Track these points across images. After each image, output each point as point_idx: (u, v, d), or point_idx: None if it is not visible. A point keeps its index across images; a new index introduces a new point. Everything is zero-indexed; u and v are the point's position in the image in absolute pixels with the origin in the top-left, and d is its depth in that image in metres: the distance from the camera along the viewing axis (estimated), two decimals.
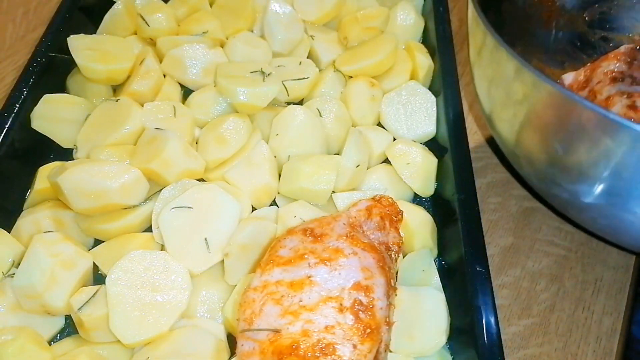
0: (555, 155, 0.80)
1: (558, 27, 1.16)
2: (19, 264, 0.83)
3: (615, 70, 0.94)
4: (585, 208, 0.84)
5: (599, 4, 1.14)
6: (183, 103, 1.10)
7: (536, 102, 0.77)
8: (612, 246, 1.02)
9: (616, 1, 1.14)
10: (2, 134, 0.97)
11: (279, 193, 0.99)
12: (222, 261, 0.87)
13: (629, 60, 0.95)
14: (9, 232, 0.90)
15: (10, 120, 0.99)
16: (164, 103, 1.06)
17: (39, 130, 1.02)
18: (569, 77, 1.00)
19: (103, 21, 1.22)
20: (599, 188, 0.77)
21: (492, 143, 1.19)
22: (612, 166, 0.72)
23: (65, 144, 1.05)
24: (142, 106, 1.05)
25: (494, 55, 0.84)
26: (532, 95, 0.78)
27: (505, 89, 0.84)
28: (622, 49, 0.96)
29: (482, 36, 0.86)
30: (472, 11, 0.90)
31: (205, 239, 0.86)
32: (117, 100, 1.05)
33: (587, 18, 1.14)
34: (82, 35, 1.13)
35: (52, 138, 1.04)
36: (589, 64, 0.99)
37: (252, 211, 0.97)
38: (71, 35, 1.11)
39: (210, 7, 1.28)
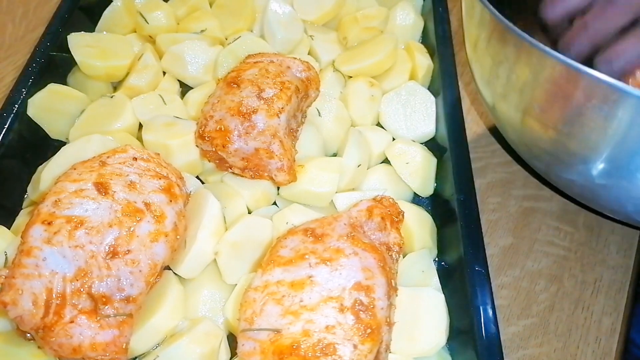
0: (561, 132, 0.79)
1: None
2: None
3: None
4: (594, 185, 0.84)
5: None
6: (182, 99, 1.10)
7: (541, 76, 0.76)
8: (617, 228, 1.02)
9: None
10: (2, 134, 0.97)
11: (278, 195, 0.99)
12: None
13: None
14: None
15: (10, 120, 0.99)
16: (152, 94, 1.07)
17: (33, 118, 1.03)
18: None
19: (102, 18, 1.23)
20: (605, 162, 0.77)
21: (494, 132, 1.19)
22: (621, 136, 0.72)
23: (55, 135, 1.06)
24: None
25: (494, 33, 0.83)
26: (536, 70, 0.76)
27: (508, 66, 0.83)
28: None
29: (479, 14, 0.85)
30: None
31: (185, 241, 0.86)
32: (112, 97, 1.05)
33: None
34: (81, 32, 1.13)
35: (44, 128, 1.05)
36: None
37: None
38: (71, 33, 1.11)
39: (210, 6, 1.28)
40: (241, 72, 0.97)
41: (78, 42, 1.11)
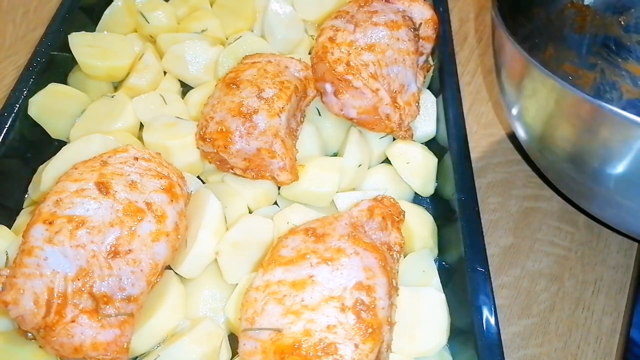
0: (581, 160, 0.81)
1: (592, 31, 1.17)
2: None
3: None
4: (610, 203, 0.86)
5: (636, 8, 1.15)
6: (182, 99, 1.10)
7: (561, 109, 0.79)
8: (622, 236, 1.02)
9: None
10: (3, 134, 0.97)
11: (279, 194, 0.99)
12: None
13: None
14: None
15: (11, 119, 0.99)
16: (152, 94, 1.07)
17: (33, 118, 1.03)
18: None
19: (102, 18, 1.23)
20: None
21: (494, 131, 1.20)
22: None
23: (56, 135, 1.06)
24: None
25: (521, 69, 0.85)
26: (557, 102, 0.79)
27: (532, 98, 0.85)
28: None
29: (509, 52, 0.87)
30: (494, 18, 0.91)
31: (186, 241, 0.86)
32: (112, 97, 1.05)
33: (622, 22, 1.15)
34: (82, 32, 1.13)
35: (44, 128, 1.05)
36: None
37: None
38: (72, 33, 1.11)
39: (211, 6, 1.28)
40: (240, 73, 0.97)
41: (79, 42, 1.11)
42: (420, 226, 0.93)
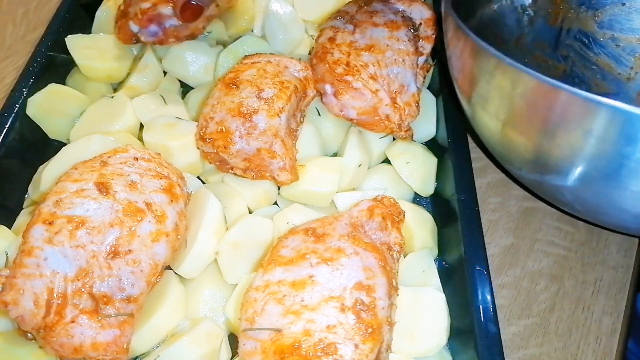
0: (541, 144, 0.80)
1: (566, 24, 1.18)
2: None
3: None
4: (583, 198, 0.85)
5: (610, 6, 1.17)
6: (182, 99, 1.10)
7: (518, 94, 0.78)
8: (616, 233, 1.02)
9: (628, 5, 1.16)
10: (2, 134, 0.97)
11: (279, 194, 0.99)
12: None
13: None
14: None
15: (11, 120, 0.99)
16: (152, 94, 1.07)
17: (32, 118, 1.03)
18: None
19: (95, 20, 1.22)
20: (587, 171, 0.78)
21: None
22: (595, 146, 0.73)
23: (54, 135, 1.06)
24: None
25: (473, 56, 0.85)
26: (513, 87, 0.78)
27: (486, 86, 0.85)
28: None
29: (456, 37, 0.87)
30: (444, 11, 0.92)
31: (186, 241, 0.86)
32: (112, 97, 1.05)
33: (596, 19, 1.16)
34: (79, 35, 1.13)
35: (43, 128, 1.05)
36: None
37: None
38: (69, 36, 1.11)
39: None
40: (239, 73, 0.97)
41: (77, 44, 1.11)
42: (420, 226, 0.93)
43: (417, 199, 1.03)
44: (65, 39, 1.11)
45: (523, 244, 1.03)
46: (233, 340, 0.82)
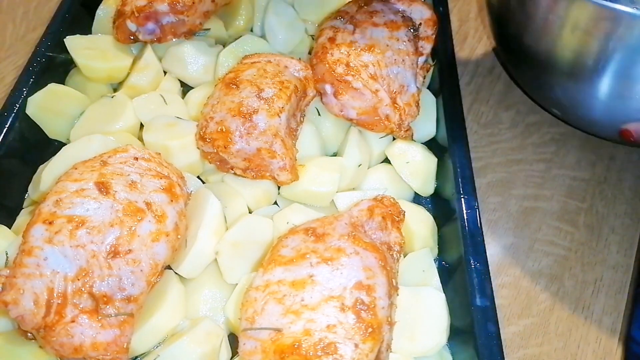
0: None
1: None
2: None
3: None
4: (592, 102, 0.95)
5: None
6: (182, 99, 1.10)
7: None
8: (616, 233, 1.02)
9: None
10: (2, 134, 0.97)
11: (279, 194, 0.99)
12: None
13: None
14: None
15: (11, 119, 0.99)
16: (152, 94, 1.07)
17: (32, 117, 1.02)
18: None
19: (95, 20, 1.21)
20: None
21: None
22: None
23: (53, 135, 1.06)
24: None
25: None
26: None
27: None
28: None
29: None
30: None
31: (186, 241, 0.86)
32: (112, 97, 1.05)
33: None
34: (78, 35, 1.13)
35: (42, 128, 1.05)
36: None
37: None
38: (68, 36, 1.11)
39: None
40: (239, 73, 0.97)
41: (77, 45, 1.10)
42: (420, 226, 0.93)
43: (417, 199, 1.03)
44: (65, 39, 1.10)
45: (523, 243, 1.03)
46: (233, 340, 0.82)
